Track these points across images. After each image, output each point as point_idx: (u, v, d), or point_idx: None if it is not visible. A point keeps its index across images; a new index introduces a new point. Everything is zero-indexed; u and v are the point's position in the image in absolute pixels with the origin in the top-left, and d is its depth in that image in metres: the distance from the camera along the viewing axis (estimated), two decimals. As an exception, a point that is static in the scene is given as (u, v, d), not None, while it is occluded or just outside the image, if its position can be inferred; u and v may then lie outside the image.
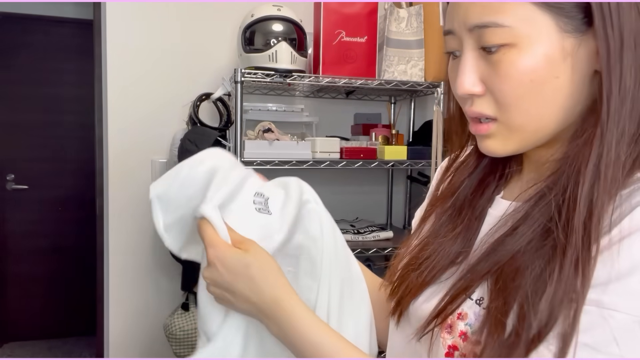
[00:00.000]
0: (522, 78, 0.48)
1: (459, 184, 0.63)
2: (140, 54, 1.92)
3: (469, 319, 0.52)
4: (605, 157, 0.47)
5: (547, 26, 0.47)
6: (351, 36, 1.73)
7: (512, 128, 0.52)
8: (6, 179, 3.14)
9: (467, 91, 0.52)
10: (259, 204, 0.65)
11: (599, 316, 0.42)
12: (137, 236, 1.97)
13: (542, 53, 0.48)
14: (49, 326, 3.29)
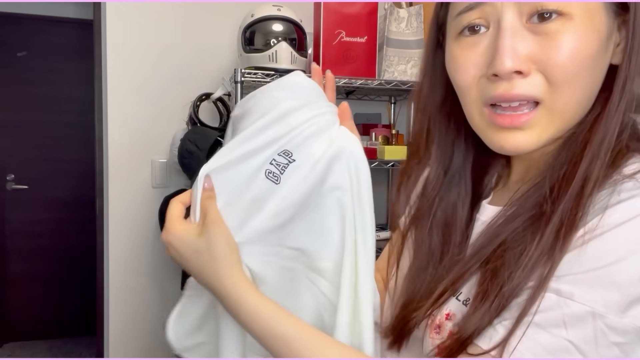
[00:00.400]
0: (582, 53, 0.45)
1: (432, 201, 0.60)
2: (140, 54, 1.92)
3: (457, 319, 0.52)
4: (607, 141, 0.46)
5: (599, 3, 0.46)
6: (351, 36, 1.73)
7: (556, 112, 0.47)
8: (6, 179, 3.14)
9: (515, 67, 0.46)
10: (276, 166, 0.55)
11: (556, 302, 0.43)
12: (137, 236, 1.97)
13: (598, 29, 0.45)
14: (49, 326, 3.29)
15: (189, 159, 1.71)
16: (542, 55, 0.46)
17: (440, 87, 0.60)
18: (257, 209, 0.55)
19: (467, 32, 0.50)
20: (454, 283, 0.52)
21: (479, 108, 0.51)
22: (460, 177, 0.60)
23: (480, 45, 0.49)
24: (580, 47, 0.45)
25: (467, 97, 0.52)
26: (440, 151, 0.61)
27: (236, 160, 0.55)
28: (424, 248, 0.59)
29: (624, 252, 0.42)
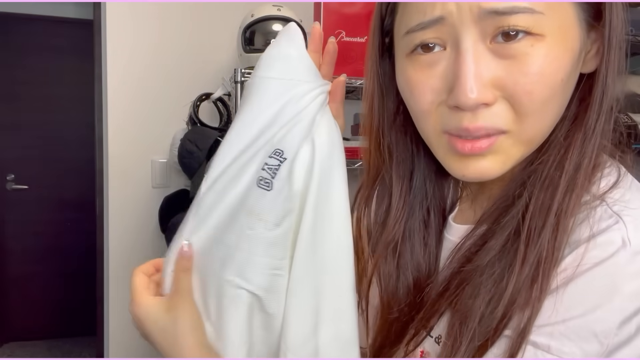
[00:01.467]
0: (554, 77, 0.40)
1: (396, 228, 0.55)
2: (140, 54, 1.92)
3: (431, 358, 0.50)
4: (585, 164, 0.42)
5: (572, 16, 0.41)
6: (351, 36, 1.73)
7: (523, 141, 0.43)
8: (6, 179, 3.14)
9: (480, 100, 0.40)
10: (268, 171, 0.47)
11: (533, 354, 0.40)
12: (137, 236, 1.97)
13: (571, 47, 0.41)
14: (49, 326, 3.29)
15: (189, 159, 1.71)
16: (509, 81, 0.40)
17: (391, 96, 0.54)
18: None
19: (420, 50, 0.43)
20: (424, 324, 0.49)
21: (437, 134, 0.46)
22: (424, 195, 0.55)
23: (437, 66, 0.43)
24: (552, 70, 0.40)
25: (425, 123, 0.46)
26: (400, 169, 0.55)
27: (223, 190, 0.48)
28: (392, 282, 0.54)
29: (600, 298, 0.39)
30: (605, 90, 0.42)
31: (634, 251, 0.39)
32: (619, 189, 0.43)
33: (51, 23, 3.13)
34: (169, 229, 1.73)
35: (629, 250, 0.39)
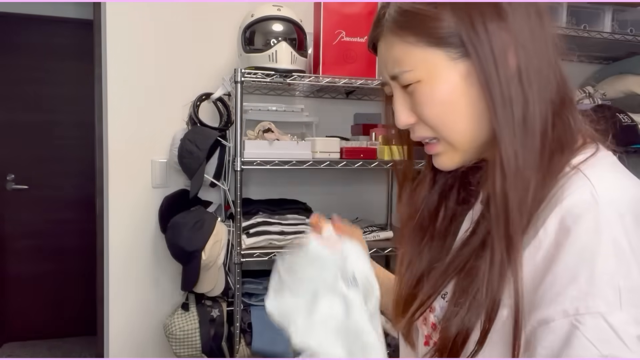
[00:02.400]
0: (435, 102, 0.57)
1: (421, 201, 0.71)
2: (140, 54, 1.92)
3: (436, 311, 0.63)
4: (509, 159, 0.54)
5: (439, 59, 0.56)
6: (351, 36, 1.73)
7: (451, 144, 0.59)
8: (6, 179, 3.14)
9: (405, 123, 0.62)
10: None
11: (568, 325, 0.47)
12: (137, 236, 1.97)
13: (443, 80, 0.56)
14: (49, 326, 3.29)
15: (189, 159, 1.71)
16: (415, 111, 0.60)
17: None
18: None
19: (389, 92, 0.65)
20: (435, 290, 0.62)
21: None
22: (453, 180, 0.70)
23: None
24: (432, 99, 0.57)
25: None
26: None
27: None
28: (417, 255, 0.69)
29: (587, 258, 0.47)
30: (492, 99, 0.54)
31: (602, 203, 0.49)
32: (593, 160, 0.54)
33: (51, 23, 3.13)
34: (169, 229, 1.73)
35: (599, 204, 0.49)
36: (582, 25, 1.88)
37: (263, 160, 1.66)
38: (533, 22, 0.55)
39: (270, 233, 1.72)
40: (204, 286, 1.72)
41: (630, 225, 0.48)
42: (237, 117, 1.64)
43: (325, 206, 2.13)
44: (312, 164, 1.71)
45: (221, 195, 1.98)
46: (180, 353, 1.74)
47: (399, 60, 0.58)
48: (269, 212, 1.79)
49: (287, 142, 1.72)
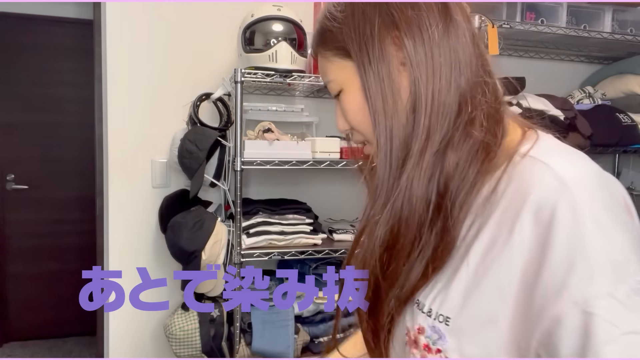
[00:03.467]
0: (351, 110, 0.63)
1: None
2: (140, 54, 1.92)
3: (427, 332, 0.57)
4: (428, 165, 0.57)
5: (352, 69, 0.60)
6: (351, 36, 1.72)
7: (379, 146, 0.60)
8: (6, 179, 3.14)
9: (342, 129, 0.67)
10: None
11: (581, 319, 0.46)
12: (137, 236, 1.97)
13: (357, 88, 0.60)
14: (49, 326, 3.29)
15: (189, 159, 1.71)
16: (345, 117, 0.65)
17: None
18: None
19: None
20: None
21: None
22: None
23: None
24: (350, 107, 0.63)
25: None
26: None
27: None
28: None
29: (577, 244, 0.47)
30: (370, 98, 0.59)
31: (571, 185, 0.49)
32: (540, 144, 0.55)
33: (51, 23, 3.13)
34: (169, 229, 1.73)
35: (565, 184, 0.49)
36: (582, 25, 1.88)
37: (263, 160, 1.66)
38: (432, 34, 0.56)
39: (270, 233, 1.72)
40: (204, 286, 1.72)
41: (601, 199, 0.49)
42: (237, 117, 1.64)
43: (325, 206, 2.13)
44: (312, 164, 1.71)
45: (221, 195, 1.98)
46: (180, 353, 1.74)
47: (323, 71, 0.66)
48: (269, 212, 1.79)
49: (287, 142, 1.72)
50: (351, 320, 1.82)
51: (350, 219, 2.14)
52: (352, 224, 2.04)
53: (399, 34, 0.57)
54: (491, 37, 1.68)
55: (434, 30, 0.56)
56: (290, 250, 1.72)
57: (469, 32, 0.60)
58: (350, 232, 1.88)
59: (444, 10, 0.58)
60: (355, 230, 1.91)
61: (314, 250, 1.74)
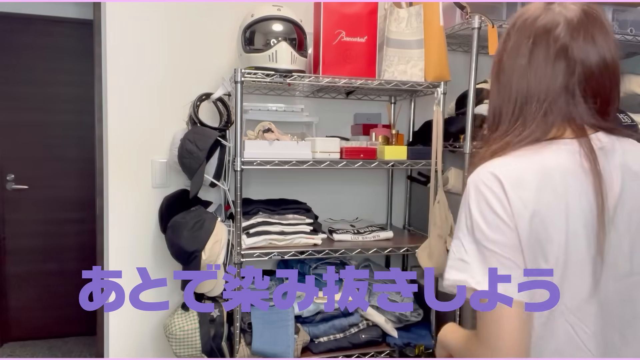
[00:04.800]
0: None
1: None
2: (140, 54, 1.92)
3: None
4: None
5: None
6: (351, 36, 1.73)
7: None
8: (6, 179, 3.14)
9: None
10: None
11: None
12: (137, 236, 1.97)
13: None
14: (49, 326, 3.29)
15: (189, 159, 1.71)
16: None
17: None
18: None
19: None
20: None
21: None
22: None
23: None
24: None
25: None
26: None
27: None
28: None
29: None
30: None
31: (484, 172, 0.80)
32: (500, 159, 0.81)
33: (51, 23, 3.13)
34: (169, 229, 1.73)
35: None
36: (582, 25, 1.87)
37: (263, 160, 1.66)
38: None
39: (270, 233, 1.72)
40: (204, 286, 1.72)
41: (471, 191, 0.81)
42: (237, 117, 1.64)
43: (325, 206, 2.14)
44: (312, 164, 1.71)
45: (221, 195, 1.98)
46: (180, 353, 1.74)
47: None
48: (269, 212, 1.79)
49: (287, 142, 1.72)
50: (352, 321, 1.82)
51: (350, 219, 2.14)
52: (352, 224, 2.04)
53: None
54: (491, 37, 1.68)
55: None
56: (290, 250, 1.72)
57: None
58: (350, 232, 1.88)
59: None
60: (355, 230, 1.91)
61: (314, 250, 1.74)
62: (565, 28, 0.78)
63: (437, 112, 1.74)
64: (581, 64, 0.78)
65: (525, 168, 0.76)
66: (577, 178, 0.77)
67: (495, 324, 0.73)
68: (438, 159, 1.74)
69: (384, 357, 1.85)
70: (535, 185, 0.75)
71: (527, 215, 0.74)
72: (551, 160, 0.77)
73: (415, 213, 2.20)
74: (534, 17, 0.81)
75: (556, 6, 0.81)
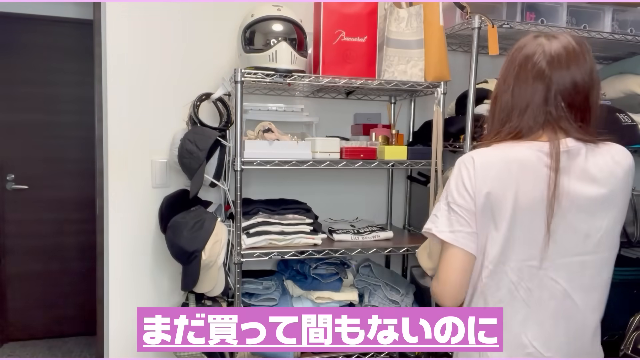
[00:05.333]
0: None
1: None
2: (140, 53, 1.92)
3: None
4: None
5: None
6: (351, 36, 1.73)
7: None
8: (6, 179, 3.14)
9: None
10: None
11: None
12: (137, 236, 1.97)
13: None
14: (49, 326, 3.29)
15: (189, 159, 1.71)
16: None
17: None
18: None
19: None
20: None
21: None
22: None
23: None
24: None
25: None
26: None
27: None
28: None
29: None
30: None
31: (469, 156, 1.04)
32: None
33: (51, 23, 3.13)
34: (169, 228, 1.73)
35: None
36: (582, 25, 1.88)
37: (263, 160, 1.66)
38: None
39: (270, 233, 1.72)
40: (204, 286, 1.72)
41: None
42: (237, 117, 1.64)
43: (325, 206, 2.13)
44: (312, 164, 1.71)
45: (221, 195, 1.98)
46: (180, 353, 1.74)
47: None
48: (269, 212, 1.79)
49: (287, 142, 1.72)
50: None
51: (350, 219, 2.14)
52: (352, 224, 2.03)
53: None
54: (491, 37, 1.68)
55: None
56: (290, 250, 1.72)
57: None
58: (350, 232, 1.88)
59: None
60: (355, 230, 1.91)
61: (313, 250, 1.74)
62: (542, 56, 0.99)
63: (437, 112, 1.74)
64: (556, 84, 0.98)
65: (494, 156, 1.00)
66: (535, 170, 0.97)
67: (447, 263, 1.01)
68: (438, 159, 1.74)
69: (384, 357, 1.85)
70: (496, 171, 0.98)
71: (484, 191, 0.98)
72: (516, 154, 0.98)
73: (415, 213, 2.20)
74: (521, 46, 1.03)
75: (542, 38, 1.01)
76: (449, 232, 1.00)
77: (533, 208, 0.97)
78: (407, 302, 1.89)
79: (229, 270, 1.77)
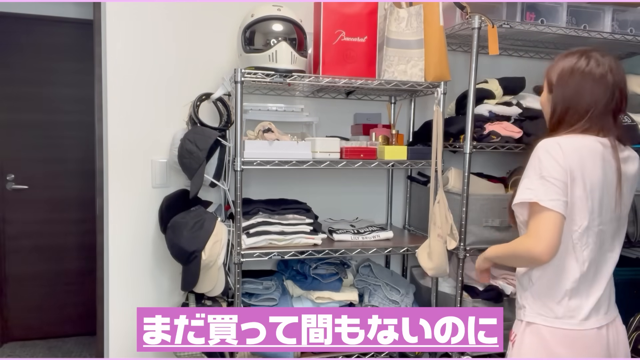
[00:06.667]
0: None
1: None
2: (140, 53, 1.92)
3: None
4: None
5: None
6: (351, 36, 1.73)
7: None
8: (6, 179, 3.14)
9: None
10: None
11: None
12: (137, 236, 1.97)
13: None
14: (49, 326, 3.29)
15: (189, 159, 1.71)
16: None
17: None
18: None
19: None
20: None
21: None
22: None
23: None
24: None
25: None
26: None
27: None
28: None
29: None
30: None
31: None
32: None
33: (51, 23, 3.13)
34: (169, 229, 1.73)
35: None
36: (582, 25, 1.88)
37: (263, 160, 1.66)
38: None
39: (270, 233, 1.72)
40: (204, 286, 1.72)
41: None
42: (237, 117, 1.64)
43: (325, 206, 2.14)
44: (312, 164, 1.71)
45: (221, 195, 1.98)
46: (180, 353, 1.74)
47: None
48: (269, 212, 1.79)
49: (287, 142, 1.72)
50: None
51: (350, 219, 2.14)
52: (352, 224, 2.04)
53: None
54: (491, 37, 1.68)
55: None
56: (290, 250, 1.72)
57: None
58: (350, 232, 1.88)
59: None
60: (355, 230, 1.91)
61: (313, 250, 1.74)
62: (608, 70, 1.24)
63: (437, 112, 1.74)
64: (616, 95, 1.24)
65: (570, 143, 1.22)
66: (597, 158, 1.22)
67: (544, 222, 1.17)
68: (438, 159, 1.74)
69: (384, 357, 1.85)
70: (571, 152, 1.20)
71: (571, 167, 1.19)
72: (585, 143, 1.22)
73: (415, 213, 2.20)
74: (582, 65, 1.27)
75: (604, 57, 1.27)
76: (548, 200, 1.17)
77: (601, 184, 1.22)
78: (407, 302, 1.89)
79: (229, 270, 1.77)
